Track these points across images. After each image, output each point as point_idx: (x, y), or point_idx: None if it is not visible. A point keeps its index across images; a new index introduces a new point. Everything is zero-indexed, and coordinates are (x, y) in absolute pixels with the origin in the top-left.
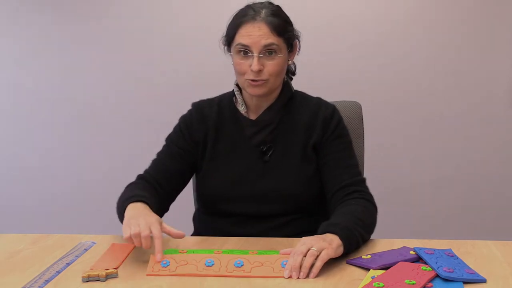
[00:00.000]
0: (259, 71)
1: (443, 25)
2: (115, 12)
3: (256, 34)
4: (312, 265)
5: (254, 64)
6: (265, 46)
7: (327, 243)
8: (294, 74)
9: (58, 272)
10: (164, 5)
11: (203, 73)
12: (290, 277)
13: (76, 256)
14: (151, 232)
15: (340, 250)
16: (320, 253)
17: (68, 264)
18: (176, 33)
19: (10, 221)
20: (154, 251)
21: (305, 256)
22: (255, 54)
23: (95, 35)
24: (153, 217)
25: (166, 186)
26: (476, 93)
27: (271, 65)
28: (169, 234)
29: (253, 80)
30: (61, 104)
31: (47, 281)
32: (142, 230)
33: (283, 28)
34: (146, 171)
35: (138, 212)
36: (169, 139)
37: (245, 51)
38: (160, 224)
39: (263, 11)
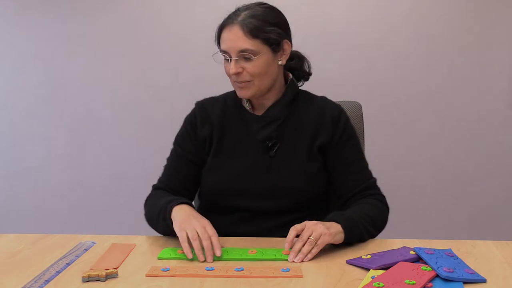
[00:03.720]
0: (238, 74)
1: (443, 25)
2: (116, 12)
3: (230, 38)
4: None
5: (231, 67)
6: (240, 51)
7: (326, 229)
8: (310, 74)
9: (58, 272)
10: (166, 4)
11: (206, 72)
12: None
13: (76, 256)
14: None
15: (340, 237)
16: (317, 242)
17: (68, 264)
18: (178, 32)
19: (10, 221)
20: (156, 253)
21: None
22: (233, 58)
23: (95, 35)
24: (203, 218)
25: (183, 191)
26: (476, 93)
27: (250, 67)
28: None
29: (237, 82)
30: (60, 104)
31: (47, 281)
32: (201, 233)
33: (259, 29)
34: (160, 180)
35: (187, 214)
36: (177, 142)
37: (226, 55)
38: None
39: (243, 14)
